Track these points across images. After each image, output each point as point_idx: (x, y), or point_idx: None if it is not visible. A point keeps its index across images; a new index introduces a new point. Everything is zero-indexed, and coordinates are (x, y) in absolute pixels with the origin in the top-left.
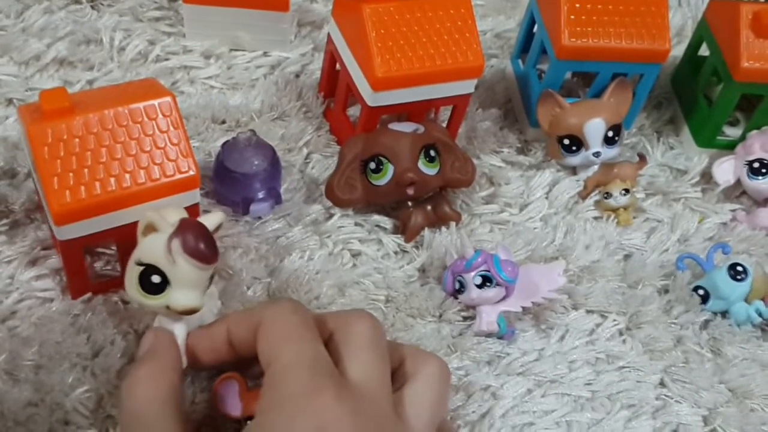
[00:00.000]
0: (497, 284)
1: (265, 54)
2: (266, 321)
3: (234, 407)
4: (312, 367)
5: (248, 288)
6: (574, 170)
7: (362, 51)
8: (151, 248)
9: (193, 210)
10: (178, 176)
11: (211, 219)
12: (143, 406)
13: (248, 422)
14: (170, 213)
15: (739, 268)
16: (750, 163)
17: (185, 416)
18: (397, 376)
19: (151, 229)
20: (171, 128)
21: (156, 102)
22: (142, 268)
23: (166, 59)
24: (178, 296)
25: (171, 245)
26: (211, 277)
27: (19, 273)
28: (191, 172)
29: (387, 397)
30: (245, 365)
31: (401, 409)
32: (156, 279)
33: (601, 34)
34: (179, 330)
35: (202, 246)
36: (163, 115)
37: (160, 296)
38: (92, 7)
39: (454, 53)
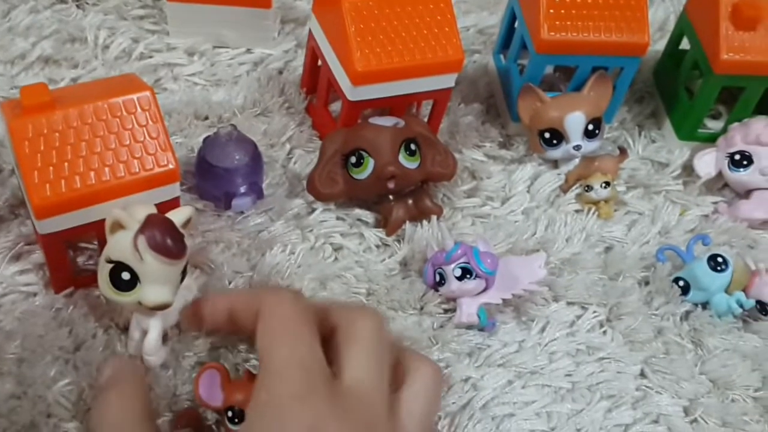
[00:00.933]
0: (477, 276)
1: (248, 51)
2: (265, 311)
3: (215, 398)
4: (305, 368)
5: (230, 282)
6: (555, 164)
7: (342, 46)
8: (118, 246)
9: (173, 204)
10: (158, 170)
11: (179, 214)
12: (117, 427)
13: (229, 414)
14: (138, 209)
15: (720, 260)
16: (731, 156)
17: None
18: (392, 378)
19: (118, 226)
20: (150, 122)
21: (135, 96)
22: (111, 265)
23: (150, 57)
24: (149, 292)
25: (137, 242)
26: (184, 271)
27: (2, 268)
28: (170, 166)
29: (382, 401)
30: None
31: (396, 413)
32: (126, 276)
33: (580, 28)
34: (154, 325)
35: (169, 241)
36: (142, 110)
37: (130, 293)
38: (77, 6)
39: (434, 48)
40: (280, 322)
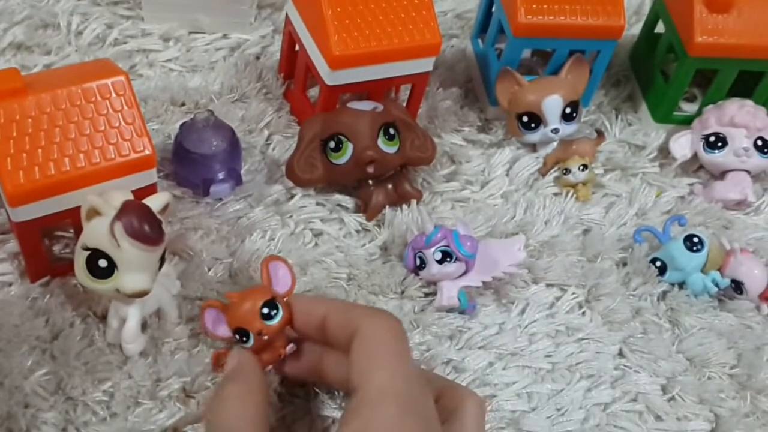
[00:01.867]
0: (457, 259)
1: (224, 36)
2: (363, 334)
3: (221, 330)
4: (401, 403)
5: (209, 269)
6: (533, 147)
7: (319, 30)
8: (95, 233)
9: (150, 190)
10: (133, 156)
11: (156, 200)
12: (231, 423)
13: (237, 336)
14: (115, 196)
15: (695, 239)
16: (706, 137)
17: None
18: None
19: (94, 213)
20: (125, 107)
21: (109, 81)
22: (88, 252)
23: (125, 42)
24: (126, 279)
25: (114, 229)
26: (162, 258)
27: None
28: (147, 152)
29: None
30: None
31: None
32: (103, 263)
33: (557, 11)
34: (133, 313)
35: (146, 228)
36: (117, 94)
37: (108, 280)
38: None
39: (411, 31)
40: (380, 349)
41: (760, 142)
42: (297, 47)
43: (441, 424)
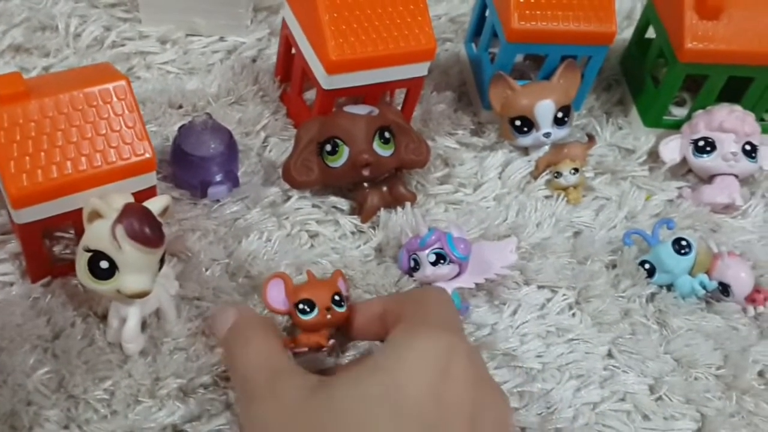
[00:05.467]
0: (451, 261)
1: (221, 39)
2: (415, 295)
3: (281, 302)
4: (455, 324)
5: (207, 269)
6: (526, 151)
7: (316, 34)
8: (96, 234)
9: (149, 193)
10: (134, 159)
11: (156, 203)
12: (255, 355)
13: (300, 306)
14: (115, 198)
15: (683, 243)
16: (695, 142)
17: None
18: None
19: (95, 215)
20: (126, 111)
21: (110, 86)
22: (90, 254)
23: (122, 45)
24: (127, 280)
25: (115, 231)
26: (162, 259)
27: None
28: (147, 155)
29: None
30: None
31: None
32: (104, 264)
33: (550, 18)
34: (133, 313)
35: (147, 230)
36: (118, 99)
37: (109, 281)
38: None
39: (407, 36)
40: (431, 299)
41: (748, 147)
42: (293, 51)
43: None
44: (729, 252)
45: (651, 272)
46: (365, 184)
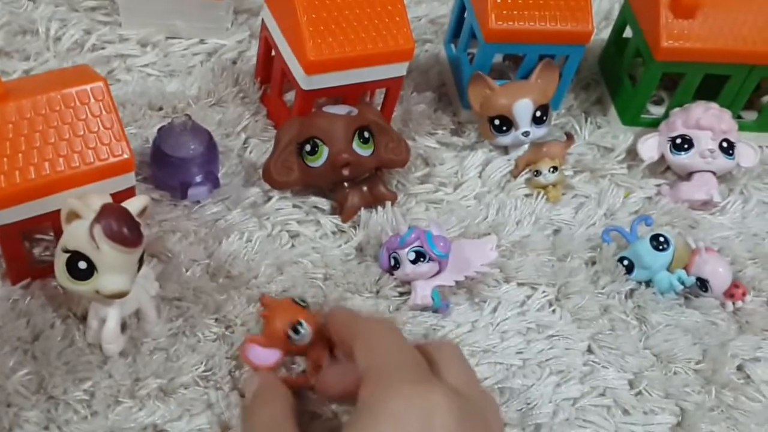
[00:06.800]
0: (430, 259)
1: (201, 41)
2: (363, 332)
3: (266, 357)
4: (416, 366)
5: (187, 270)
6: (506, 150)
7: (294, 35)
8: (74, 235)
9: (128, 193)
10: (112, 160)
11: (134, 203)
12: (267, 418)
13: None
14: (93, 199)
15: (661, 239)
16: (673, 140)
17: None
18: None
19: (73, 216)
20: (103, 112)
21: (88, 87)
22: (68, 255)
23: (103, 48)
24: (106, 281)
25: (93, 231)
26: (141, 260)
27: None
28: (125, 156)
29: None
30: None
31: None
32: (82, 265)
33: (527, 17)
34: (112, 314)
35: (125, 230)
36: (95, 100)
37: (87, 282)
38: None
39: (385, 37)
40: (378, 337)
41: (725, 144)
42: (273, 52)
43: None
44: (707, 248)
45: (630, 269)
46: (345, 184)
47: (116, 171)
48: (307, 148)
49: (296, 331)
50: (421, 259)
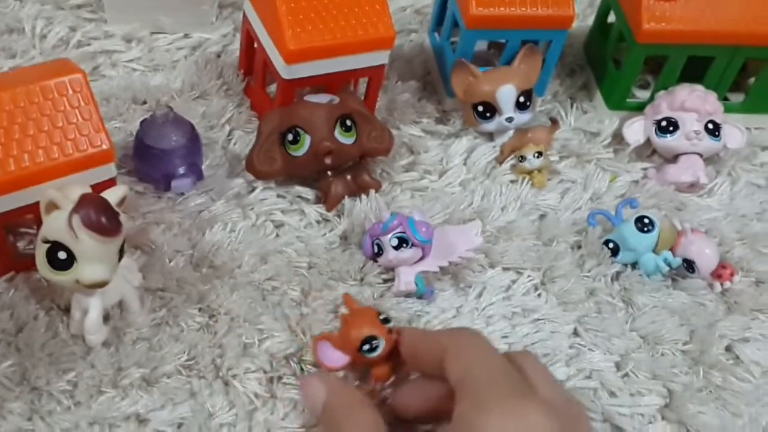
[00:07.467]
0: (413, 245)
1: (186, 36)
2: (451, 346)
3: (337, 359)
4: (511, 379)
5: (170, 261)
6: (490, 137)
7: (274, 25)
8: (54, 225)
9: (109, 184)
10: (91, 150)
11: (114, 193)
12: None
13: (365, 347)
14: (73, 189)
15: (646, 220)
16: (658, 122)
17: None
18: None
19: (52, 206)
20: (82, 104)
21: (66, 79)
22: (48, 245)
23: (88, 44)
24: (85, 270)
25: (72, 221)
26: (121, 250)
27: None
28: (104, 146)
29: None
30: None
31: None
32: (62, 255)
33: (507, 3)
34: (94, 304)
35: (103, 219)
36: (74, 91)
37: (68, 272)
38: None
39: (365, 25)
40: (470, 349)
41: (711, 126)
42: (255, 44)
43: None
44: (693, 229)
45: (615, 251)
46: (329, 173)
47: (96, 162)
48: (289, 137)
49: (370, 345)
50: (404, 245)
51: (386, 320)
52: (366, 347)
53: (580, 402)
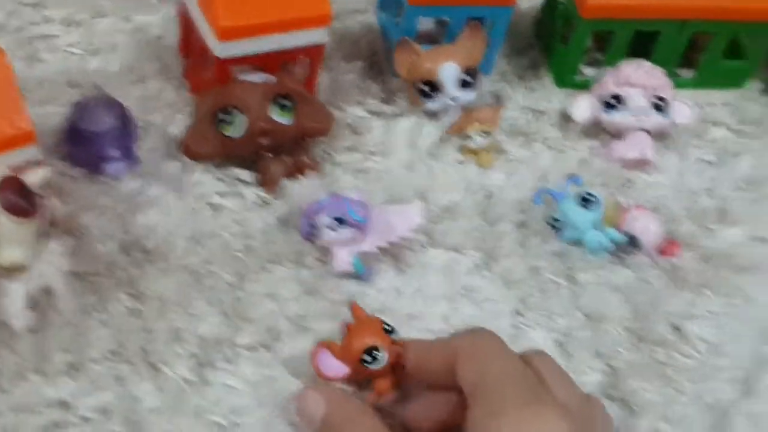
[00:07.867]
0: (349, 225)
1: (126, 19)
2: (464, 347)
3: (337, 369)
4: (527, 382)
5: (101, 245)
6: (436, 116)
7: (207, 3)
8: None
9: (33, 167)
10: (10, 132)
11: (34, 174)
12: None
13: (366, 358)
14: None
15: (589, 197)
16: (604, 99)
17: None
18: None
19: None
20: (1, 84)
21: None
22: None
23: (26, 29)
24: (3, 253)
25: None
26: (47, 234)
27: None
28: (25, 127)
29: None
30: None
31: None
32: None
33: None
34: (15, 289)
35: (19, 200)
36: None
37: None
38: None
39: (300, 2)
40: (484, 351)
41: (658, 102)
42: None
43: None
44: (637, 205)
45: (559, 229)
46: (269, 155)
47: (16, 143)
48: (224, 117)
49: (372, 356)
50: (340, 225)
51: (389, 328)
52: (367, 359)
53: (598, 401)
